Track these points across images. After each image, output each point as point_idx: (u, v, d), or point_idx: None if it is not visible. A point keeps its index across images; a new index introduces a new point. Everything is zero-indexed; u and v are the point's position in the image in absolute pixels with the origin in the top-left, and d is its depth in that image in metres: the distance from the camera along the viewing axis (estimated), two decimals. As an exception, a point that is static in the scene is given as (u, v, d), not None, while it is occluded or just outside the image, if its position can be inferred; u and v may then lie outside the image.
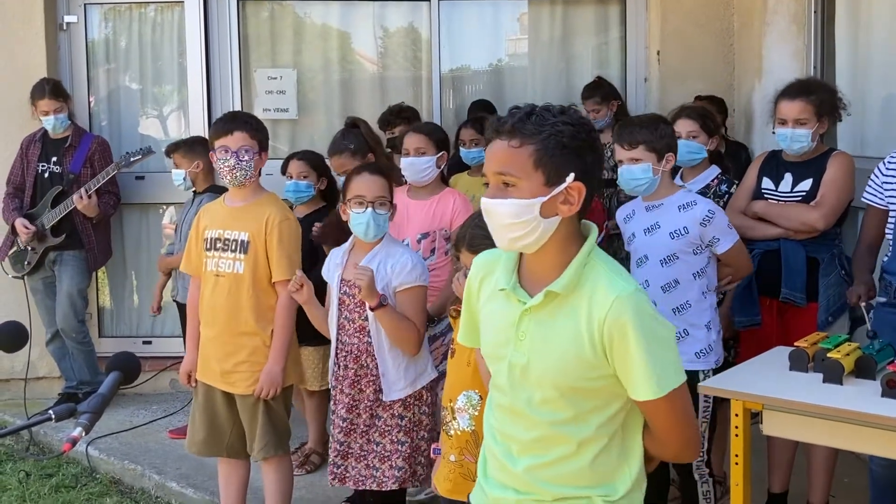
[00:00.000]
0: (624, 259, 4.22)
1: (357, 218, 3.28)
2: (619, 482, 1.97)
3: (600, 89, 5.36)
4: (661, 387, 1.86)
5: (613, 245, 4.45)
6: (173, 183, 4.97)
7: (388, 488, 3.29)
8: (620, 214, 3.64)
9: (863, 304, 3.24)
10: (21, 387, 5.32)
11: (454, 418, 2.83)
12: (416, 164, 3.97)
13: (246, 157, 3.51)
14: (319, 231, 4.20)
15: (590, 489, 1.95)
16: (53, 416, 1.93)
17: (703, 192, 3.91)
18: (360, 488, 3.37)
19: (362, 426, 3.31)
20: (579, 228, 1.95)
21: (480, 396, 2.75)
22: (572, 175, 1.86)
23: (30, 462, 4.84)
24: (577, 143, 1.87)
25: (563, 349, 1.89)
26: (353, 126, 4.57)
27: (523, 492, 1.99)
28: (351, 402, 3.31)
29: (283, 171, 4.52)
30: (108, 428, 5.00)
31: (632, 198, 3.65)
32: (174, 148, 4.95)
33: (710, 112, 4.21)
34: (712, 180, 3.94)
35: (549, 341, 1.91)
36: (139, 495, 4.51)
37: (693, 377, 3.37)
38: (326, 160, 4.50)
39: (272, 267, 3.53)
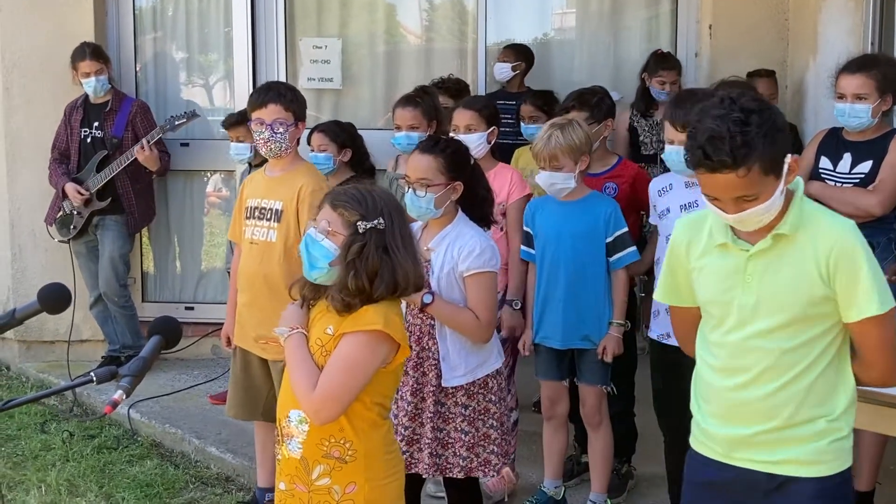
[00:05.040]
0: (646, 234, 4.13)
1: (405, 196, 3.17)
2: (838, 402, 2.21)
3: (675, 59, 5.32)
4: (883, 303, 2.12)
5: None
6: (227, 153, 4.98)
7: (454, 475, 3.17)
8: (655, 186, 3.55)
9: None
10: (65, 349, 5.40)
11: (282, 442, 2.48)
12: (468, 142, 3.79)
13: (280, 130, 3.52)
14: None
15: (814, 409, 2.20)
16: (95, 379, 1.95)
17: None
18: (428, 476, 3.25)
19: (428, 412, 3.17)
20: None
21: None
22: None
23: (73, 423, 4.92)
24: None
25: (794, 282, 2.16)
26: (424, 93, 4.56)
27: (757, 424, 2.22)
28: (415, 386, 3.19)
29: (309, 141, 4.50)
30: (150, 392, 5.05)
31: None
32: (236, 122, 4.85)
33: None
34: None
35: (779, 277, 2.17)
36: (179, 459, 4.57)
37: None
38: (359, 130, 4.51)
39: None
